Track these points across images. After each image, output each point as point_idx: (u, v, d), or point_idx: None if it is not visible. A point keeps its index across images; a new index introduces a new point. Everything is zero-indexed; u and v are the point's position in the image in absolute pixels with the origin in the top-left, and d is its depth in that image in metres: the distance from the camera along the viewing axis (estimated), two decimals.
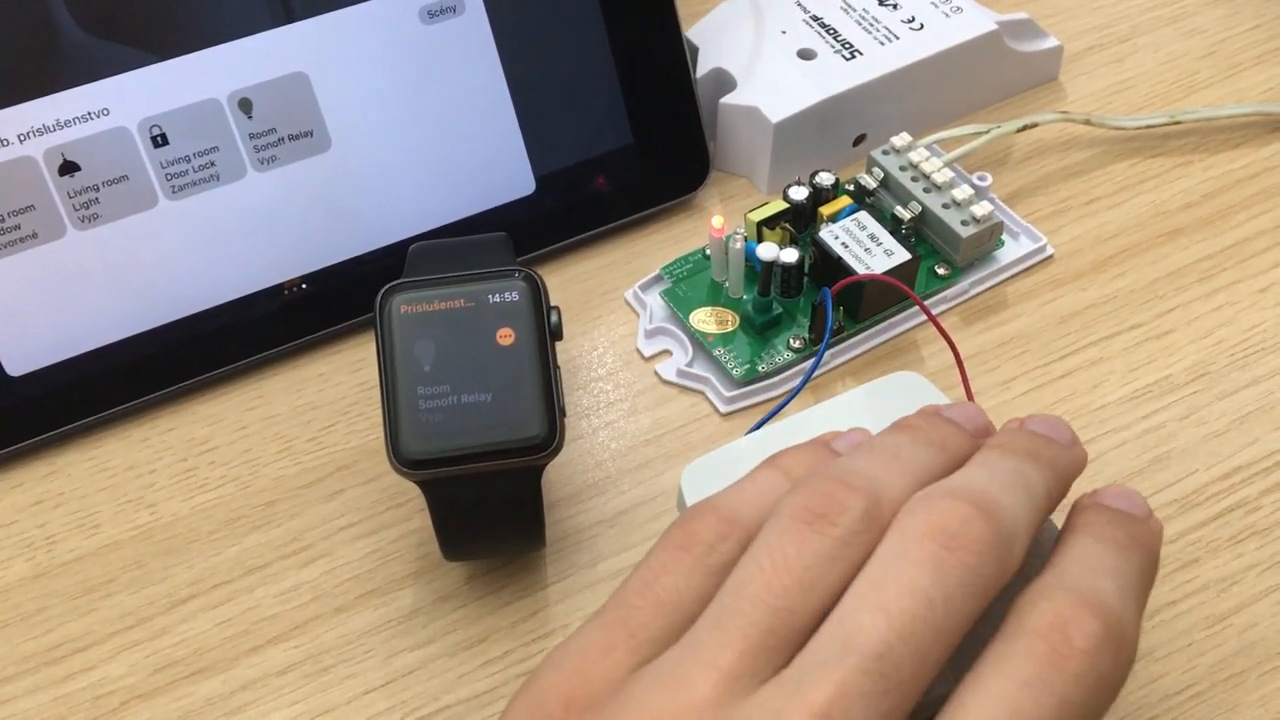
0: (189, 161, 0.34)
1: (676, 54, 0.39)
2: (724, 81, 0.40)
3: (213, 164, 0.35)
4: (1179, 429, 0.34)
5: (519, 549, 0.32)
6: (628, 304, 0.38)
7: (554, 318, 0.29)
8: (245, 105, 0.34)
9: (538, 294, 0.29)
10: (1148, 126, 0.41)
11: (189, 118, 0.34)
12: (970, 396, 0.32)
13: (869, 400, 0.30)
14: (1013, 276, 0.38)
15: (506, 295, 0.29)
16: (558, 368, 0.29)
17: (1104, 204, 0.40)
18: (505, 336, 0.29)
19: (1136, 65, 0.44)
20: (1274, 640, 0.30)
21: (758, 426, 0.31)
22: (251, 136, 0.35)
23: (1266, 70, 0.44)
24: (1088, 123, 0.41)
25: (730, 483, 0.28)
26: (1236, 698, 0.29)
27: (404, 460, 0.28)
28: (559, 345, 0.36)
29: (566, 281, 0.38)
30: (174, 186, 0.34)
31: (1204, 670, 0.29)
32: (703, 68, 0.41)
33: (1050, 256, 0.38)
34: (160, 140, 0.34)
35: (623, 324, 0.37)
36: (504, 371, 0.28)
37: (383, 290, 0.29)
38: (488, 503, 0.29)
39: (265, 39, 0.34)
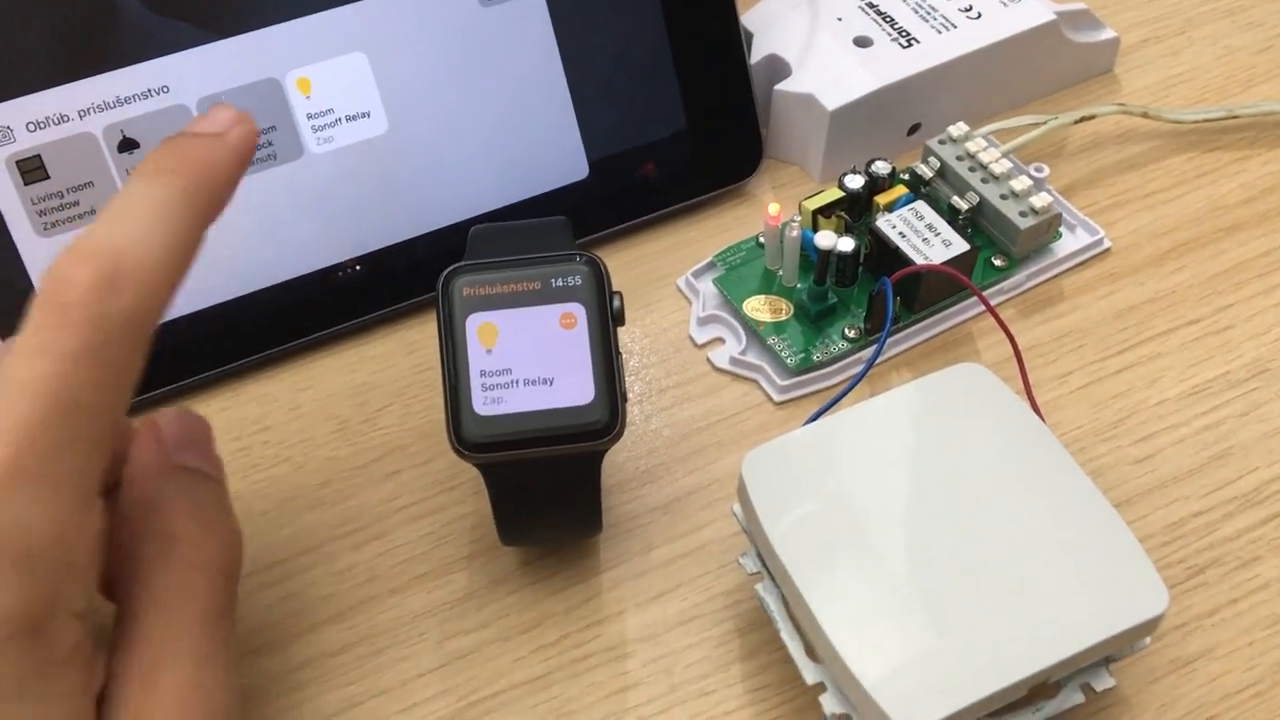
0: None
1: (733, 40, 0.39)
2: (778, 68, 0.40)
3: (270, 143, 0.34)
4: (1238, 426, 0.34)
5: (576, 534, 0.31)
6: (680, 291, 0.38)
7: (616, 303, 0.29)
8: (303, 85, 0.34)
9: (600, 278, 0.29)
10: (1205, 120, 0.41)
11: (248, 96, 0.34)
12: (1029, 389, 0.32)
13: (933, 390, 0.29)
14: (1070, 269, 0.38)
15: (569, 279, 0.29)
16: (619, 353, 0.29)
17: (1161, 198, 0.39)
18: (568, 321, 0.28)
19: (1192, 58, 0.44)
20: None
21: (816, 416, 0.31)
22: (309, 116, 0.35)
23: None
24: (1145, 115, 0.40)
25: (793, 471, 0.28)
26: None
27: (465, 444, 0.28)
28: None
29: (618, 267, 0.38)
30: None
31: (1266, 669, 0.29)
32: (757, 54, 0.40)
33: (1107, 250, 0.38)
34: None
35: (675, 311, 0.37)
36: (566, 356, 0.28)
37: (445, 272, 0.29)
38: (547, 488, 0.29)
39: (324, 19, 0.34)
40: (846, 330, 0.35)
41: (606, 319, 0.29)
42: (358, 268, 0.36)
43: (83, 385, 0.21)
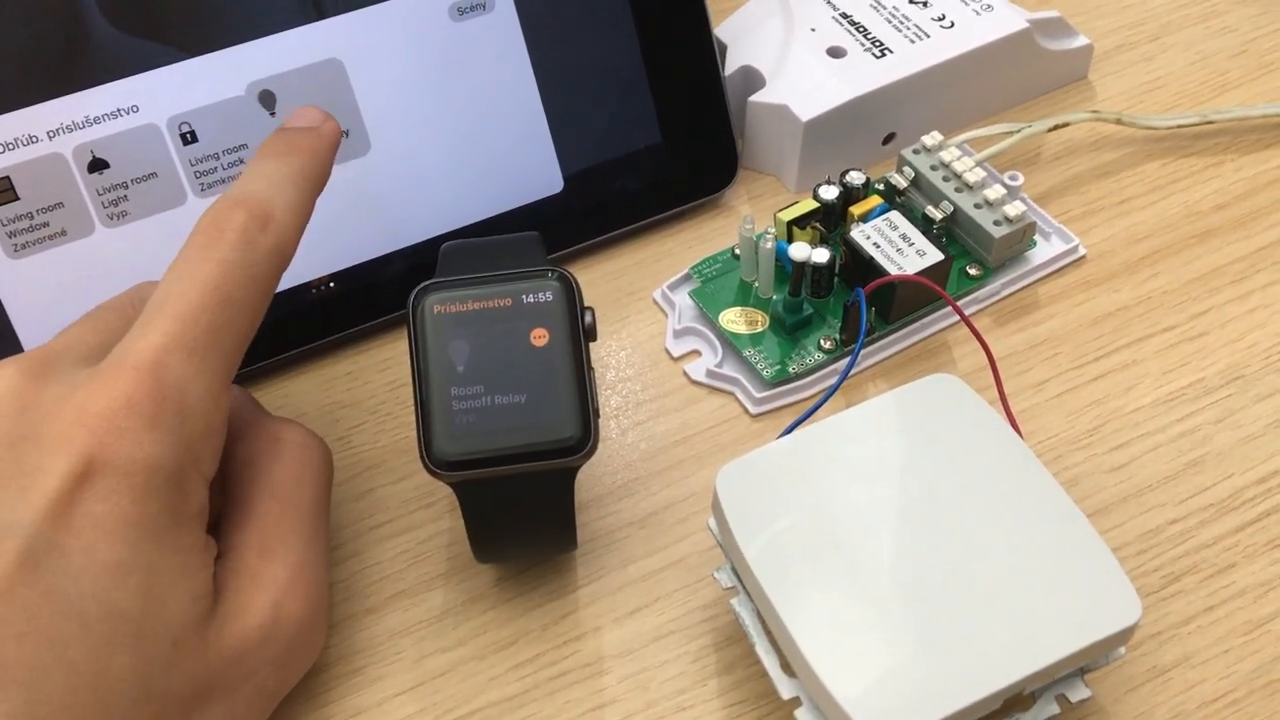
0: (218, 159, 0.34)
1: (706, 52, 0.39)
2: (752, 79, 0.40)
3: (243, 161, 0.34)
4: (1214, 432, 0.34)
5: (551, 551, 0.31)
6: (656, 304, 0.38)
7: (588, 318, 0.29)
8: (270, 100, 0.34)
9: (572, 294, 0.29)
10: (1179, 126, 0.41)
11: (218, 115, 0.34)
12: (1004, 398, 0.32)
13: (907, 402, 0.29)
14: (1045, 277, 0.38)
15: (540, 295, 0.29)
16: (592, 369, 0.29)
17: (1136, 204, 0.40)
18: (539, 337, 0.28)
19: (1167, 64, 0.44)
20: None
21: (791, 428, 0.31)
22: None
23: None
24: (1119, 122, 0.41)
25: (768, 485, 0.28)
26: (1275, 705, 0.29)
27: (438, 462, 0.27)
28: (592, 346, 0.36)
29: (594, 281, 0.38)
30: (203, 184, 0.34)
31: (1242, 677, 0.29)
32: (731, 65, 0.40)
33: (1082, 257, 0.38)
34: (190, 137, 0.34)
35: (651, 324, 0.37)
36: (538, 372, 0.28)
37: (415, 290, 0.29)
38: (521, 505, 0.29)
39: (294, 35, 0.34)
40: (822, 341, 0.35)
41: (578, 335, 0.28)
42: (332, 284, 0.36)
43: (235, 285, 0.26)
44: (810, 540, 0.27)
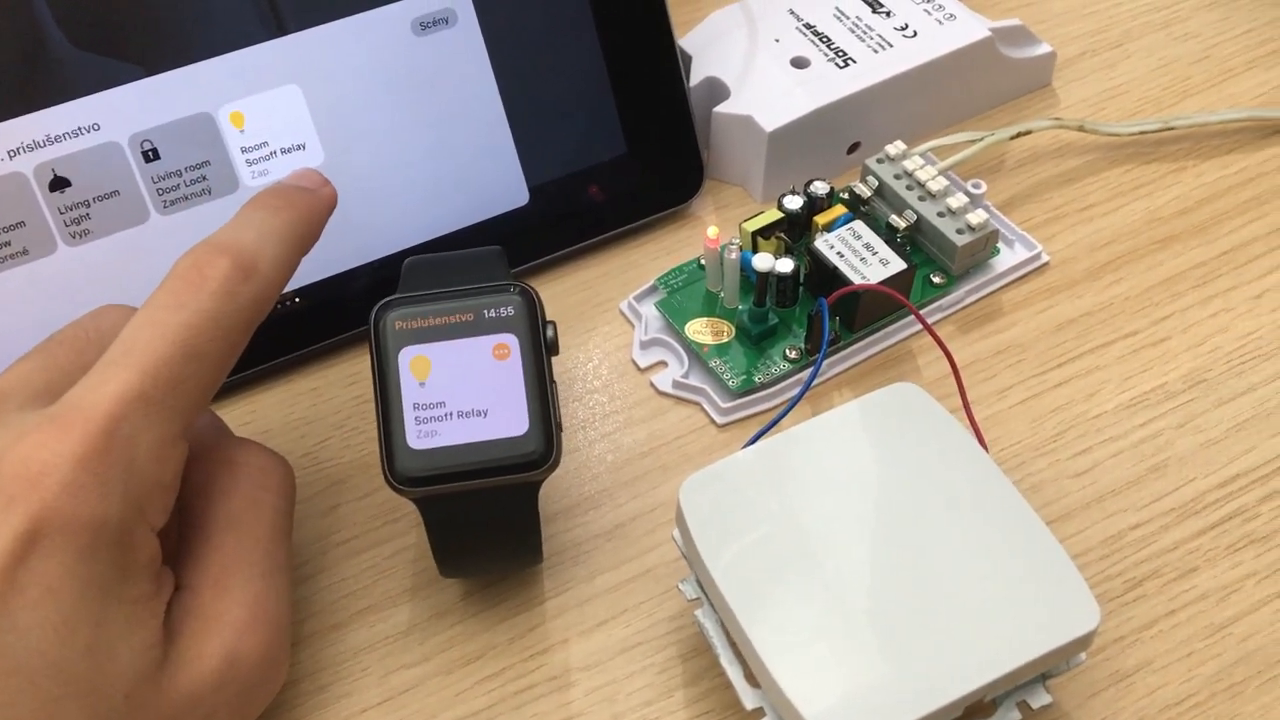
0: (180, 176, 0.34)
1: (670, 63, 0.39)
2: (717, 90, 0.40)
3: (204, 178, 0.34)
4: (1176, 437, 0.34)
5: (516, 565, 0.31)
6: (623, 315, 0.38)
7: (550, 332, 0.29)
8: (236, 119, 0.34)
9: (533, 309, 0.29)
10: (1141, 133, 0.41)
11: (180, 132, 0.34)
12: (967, 406, 0.32)
13: (869, 411, 0.30)
14: (1008, 284, 0.38)
15: (502, 310, 0.29)
16: (554, 383, 0.29)
17: (1098, 211, 0.40)
18: (501, 352, 0.28)
19: (1129, 71, 0.44)
20: (1273, 649, 0.30)
21: (755, 439, 0.31)
22: (243, 150, 0.34)
23: (1259, 75, 0.44)
24: (1081, 129, 0.41)
25: (731, 496, 0.28)
26: (1236, 708, 0.29)
27: (399, 478, 0.27)
28: (555, 359, 0.36)
29: (561, 293, 0.38)
30: (165, 201, 0.34)
31: (1203, 680, 0.29)
32: (696, 76, 0.40)
33: (1045, 264, 0.38)
34: (151, 155, 0.34)
35: (618, 335, 0.37)
36: (500, 387, 0.28)
37: (377, 306, 0.29)
38: (484, 519, 0.29)
39: (256, 52, 0.34)
40: (788, 351, 0.36)
41: (540, 349, 0.29)
42: (297, 300, 0.36)
43: (207, 340, 0.26)
44: (773, 551, 0.27)
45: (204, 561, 0.27)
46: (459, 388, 0.28)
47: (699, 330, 0.36)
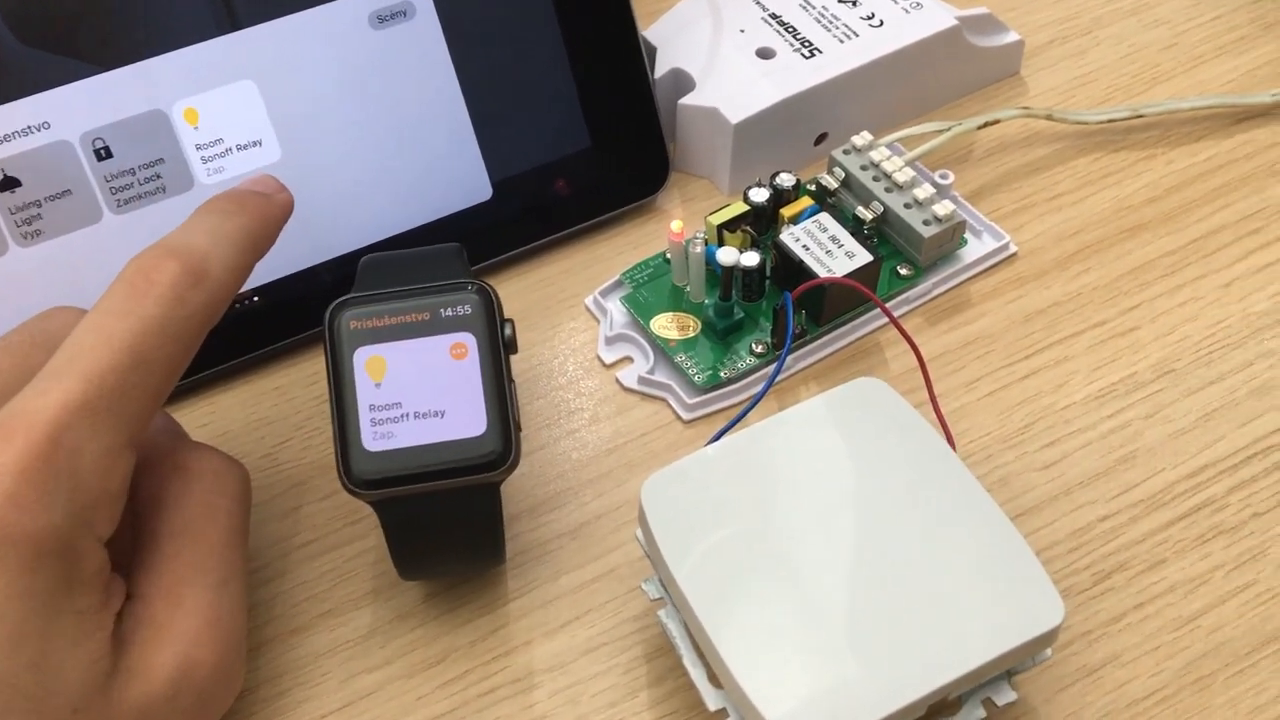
0: (134, 174, 0.33)
1: (633, 55, 0.38)
2: (682, 82, 0.40)
3: (159, 176, 0.34)
4: (1145, 427, 0.34)
5: (478, 566, 0.31)
6: (588, 310, 0.37)
7: (508, 331, 0.29)
8: (190, 115, 0.34)
9: (490, 307, 0.28)
10: (1110, 121, 0.41)
11: (132, 130, 0.33)
12: (934, 399, 0.32)
13: (833, 406, 0.29)
14: (976, 275, 0.38)
15: (459, 309, 0.28)
16: (513, 382, 0.28)
17: (1067, 200, 0.40)
18: (459, 351, 0.28)
19: (1098, 58, 0.44)
20: (1242, 641, 0.30)
21: (719, 435, 0.31)
22: (198, 147, 0.34)
23: (1228, 61, 0.44)
24: (1049, 118, 0.41)
25: (693, 495, 0.28)
26: (1205, 700, 0.29)
27: (355, 481, 0.27)
28: (516, 357, 0.36)
29: (525, 288, 0.38)
30: (119, 200, 0.34)
31: (1172, 674, 0.29)
32: (660, 68, 0.40)
33: (1014, 254, 0.38)
34: (104, 153, 0.33)
35: (583, 331, 0.37)
36: (457, 387, 0.28)
37: (331, 305, 0.28)
38: (444, 521, 0.28)
39: (209, 48, 0.33)
40: (754, 345, 0.35)
41: (498, 348, 0.28)
42: (256, 299, 0.35)
43: (154, 347, 0.25)
44: (735, 550, 0.27)
45: (156, 571, 0.26)
46: (415, 388, 0.28)
47: (665, 325, 0.36)
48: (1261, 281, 0.37)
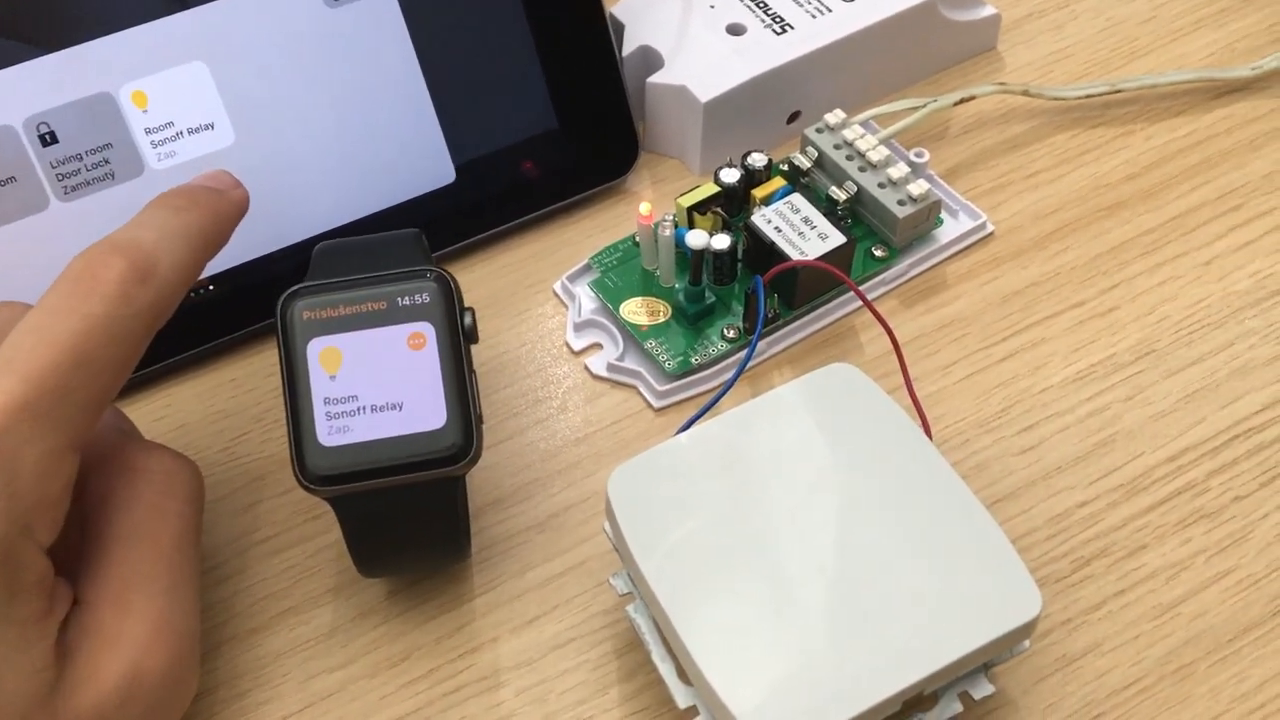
0: (81, 160, 0.32)
1: (600, 31, 0.37)
2: (651, 59, 0.39)
3: (107, 161, 0.33)
4: (1124, 410, 0.33)
5: (441, 562, 0.30)
6: (556, 296, 0.36)
7: (468, 320, 0.28)
8: (139, 98, 0.32)
9: (450, 295, 0.27)
10: (1088, 96, 0.40)
11: (79, 113, 0.32)
12: (909, 384, 0.31)
13: (804, 394, 0.28)
14: (952, 256, 0.37)
15: (416, 297, 0.27)
16: (474, 372, 0.28)
17: (1044, 178, 0.39)
18: (416, 341, 0.27)
19: (1076, 32, 0.43)
20: (1223, 628, 0.29)
21: (688, 424, 0.30)
22: (148, 131, 0.33)
23: (1207, 35, 0.43)
24: (1026, 94, 0.40)
25: (661, 487, 0.27)
26: (1186, 690, 0.28)
27: (310, 477, 0.26)
28: (482, 344, 0.35)
29: (491, 274, 0.37)
30: (66, 187, 0.32)
31: (1152, 663, 0.29)
32: (628, 46, 0.39)
33: (990, 234, 0.37)
34: (49, 138, 0.32)
35: (551, 317, 0.36)
36: (415, 378, 0.27)
37: (283, 295, 0.27)
38: (404, 517, 0.27)
39: (157, 28, 0.32)
40: (726, 330, 0.34)
41: (457, 337, 0.27)
42: (211, 288, 0.34)
43: (98, 346, 0.24)
44: (705, 543, 0.26)
45: (104, 576, 0.25)
46: (372, 380, 0.27)
47: (634, 311, 0.35)
48: (1242, 259, 0.36)
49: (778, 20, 0.39)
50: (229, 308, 0.34)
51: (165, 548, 0.26)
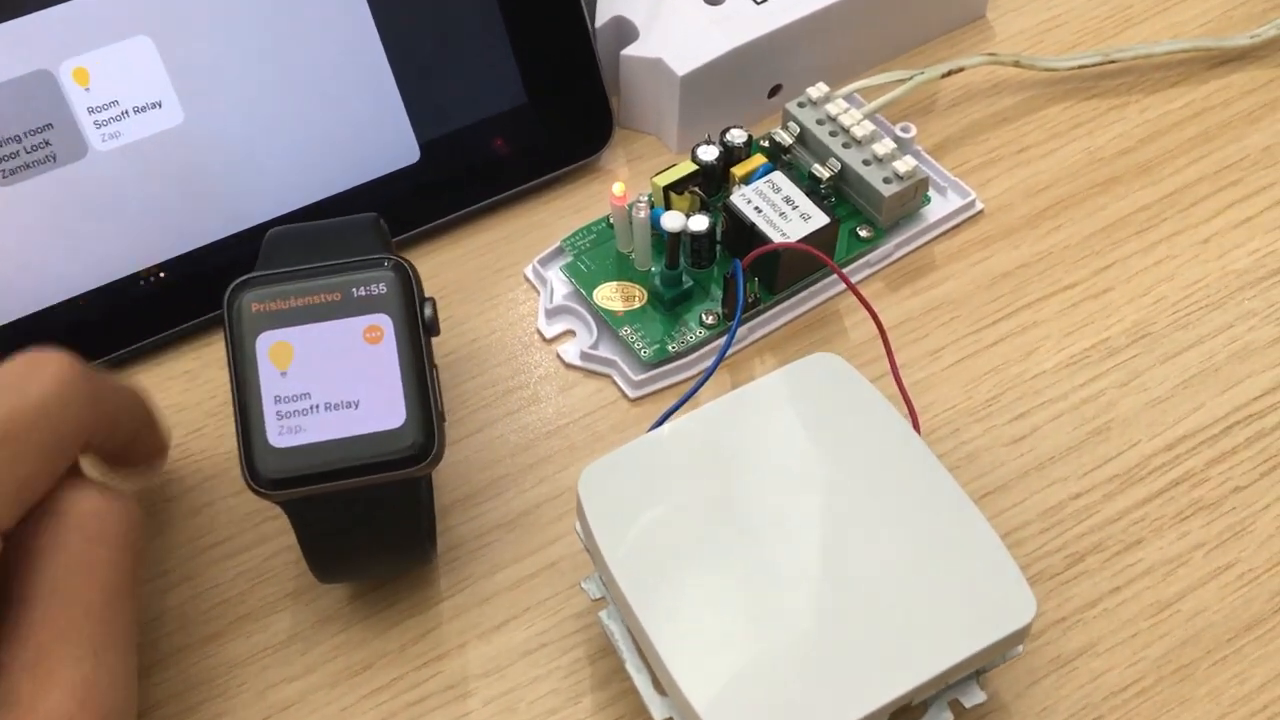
0: (20, 142, 0.30)
1: (571, 2, 0.35)
2: (625, 31, 0.37)
3: (47, 143, 0.31)
4: (1119, 396, 0.32)
5: (404, 566, 0.29)
6: (527, 280, 0.35)
7: (428, 311, 0.26)
8: (80, 75, 0.31)
9: (408, 285, 0.26)
10: (1080, 67, 0.38)
11: (15, 93, 0.30)
12: (895, 371, 0.30)
13: (784, 386, 0.27)
14: (940, 236, 0.35)
15: (373, 288, 0.26)
16: (435, 367, 0.26)
17: (1036, 152, 0.37)
18: (373, 334, 0.25)
19: (1068, 0, 0.42)
20: (1223, 626, 0.28)
21: (665, 417, 0.29)
22: (90, 110, 0.31)
23: (1203, 2, 0.41)
24: (1017, 64, 0.38)
25: (635, 486, 0.25)
26: (1185, 691, 0.27)
27: (260, 481, 0.25)
28: (450, 333, 0.33)
29: (459, 258, 0.35)
30: (4, 170, 0.31)
31: (1150, 663, 0.27)
32: (601, 16, 0.37)
33: (980, 212, 0.36)
34: None
35: (522, 303, 0.34)
36: (372, 374, 0.25)
37: (231, 286, 0.26)
38: (362, 521, 0.26)
39: (99, 1, 0.30)
40: (704, 316, 0.33)
41: (417, 330, 0.26)
42: (162, 275, 0.33)
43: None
44: (680, 546, 0.25)
45: (20, 640, 0.22)
46: (326, 377, 0.25)
47: (609, 296, 0.33)
48: (1241, 237, 0.35)
49: None
50: (181, 296, 0.33)
51: (93, 604, 0.23)
